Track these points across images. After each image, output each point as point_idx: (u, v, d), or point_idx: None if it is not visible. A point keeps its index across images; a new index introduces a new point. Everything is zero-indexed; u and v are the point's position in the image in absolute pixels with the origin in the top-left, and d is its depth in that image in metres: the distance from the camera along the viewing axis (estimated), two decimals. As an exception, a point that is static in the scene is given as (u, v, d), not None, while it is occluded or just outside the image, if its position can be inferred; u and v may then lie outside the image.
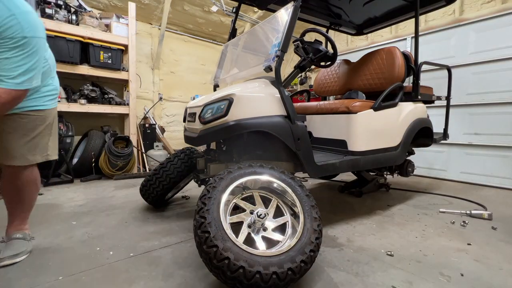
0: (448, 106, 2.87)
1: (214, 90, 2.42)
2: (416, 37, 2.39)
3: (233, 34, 2.52)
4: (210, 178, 1.77)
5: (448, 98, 2.82)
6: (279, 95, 1.63)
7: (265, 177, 1.40)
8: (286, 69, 6.46)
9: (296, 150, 1.65)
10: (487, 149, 3.39)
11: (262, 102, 1.60)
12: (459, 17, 3.77)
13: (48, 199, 2.59)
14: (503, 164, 3.26)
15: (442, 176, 3.78)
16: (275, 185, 1.41)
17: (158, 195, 2.22)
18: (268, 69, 1.63)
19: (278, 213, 1.38)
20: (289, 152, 1.75)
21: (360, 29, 3.24)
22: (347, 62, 2.94)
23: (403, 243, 1.76)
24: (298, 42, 1.73)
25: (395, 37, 4.51)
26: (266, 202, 1.40)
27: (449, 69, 2.81)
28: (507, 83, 3.25)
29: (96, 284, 1.29)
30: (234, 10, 2.55)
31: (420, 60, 2.40)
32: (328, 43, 2.20)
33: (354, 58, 3.14)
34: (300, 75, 5.69)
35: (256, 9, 4.85)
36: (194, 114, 1.82)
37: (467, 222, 2.10)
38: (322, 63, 1.87)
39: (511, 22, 3.28)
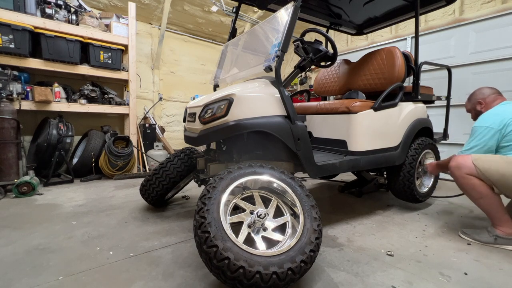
0: (448, 106, 2.87)
1: (214, 90, 2.42)
2: (416, 37, 2.39)
3: (233, 34, 2.52)
4: (210, 178, 1.77)
5: (448, 98, 2.82)
6: (279, 95, 1.63)
7: (265, 177, 1.40)
8: (286, 69, 6.46)
9: (296, 150, 1.65)
10: (487, 149, 3.38)
11: (262, 102, 1.60)
12: (459, 17, 3.77)
13: (48, 199, 2.59)
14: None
15: (442, 176, 3.78)
16: (275, 185, 1.41)
17: (158, 195, 2.22)
18: (268, 69, 1.63)
19: (278, 213, 1.38)
20: (289, 152, 1.75)
21: (360, 29, 3.24)
22: (347, 62, 2.94)
23: (403, 243, 1.76)
24: (298, 42, 1.72)
25: (395, 37, 4.51)
26: (266, 202, 1.40)
27: (449, 69, 2.81)
28: (507, 83, 3.25)
29: (96, 284, 1.29)
30: (234, 10, 2.55)
31: (420, 60, 2.40)
32: (328, 43, 2.19)
33: (354, 58, 3.14)
34: (300, 75, 5.69)
35: (256, 9, 4.86)
36: (194, 114, 1.82)
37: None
38: (322, 63, 1.86)
39: (511, 22, 3.28)
